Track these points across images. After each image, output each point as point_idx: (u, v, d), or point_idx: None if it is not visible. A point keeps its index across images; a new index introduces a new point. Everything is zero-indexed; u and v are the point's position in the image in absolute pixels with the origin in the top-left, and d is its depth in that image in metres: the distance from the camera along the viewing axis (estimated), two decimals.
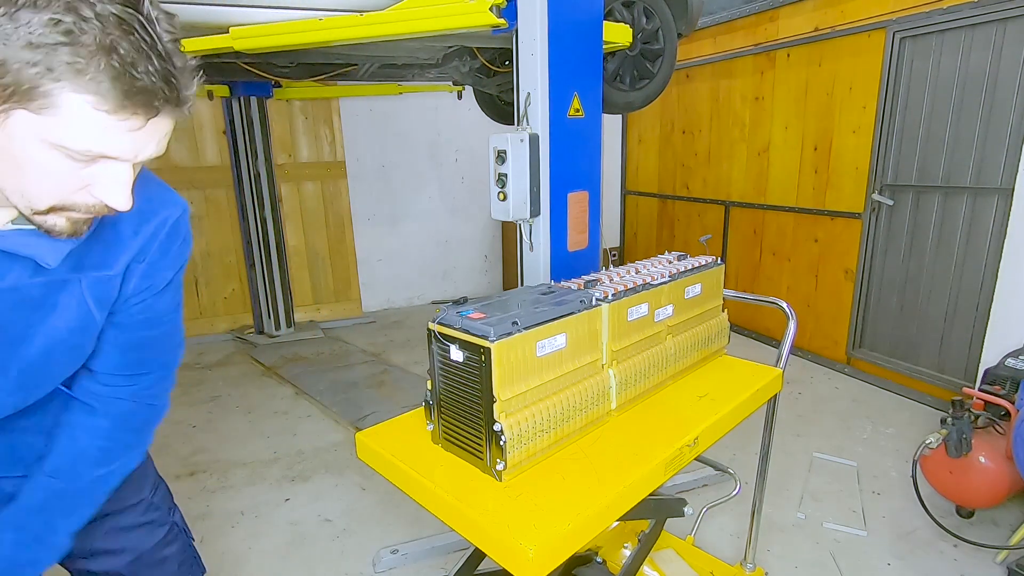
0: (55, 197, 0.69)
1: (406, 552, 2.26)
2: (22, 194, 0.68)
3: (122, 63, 0.62)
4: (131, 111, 0.65)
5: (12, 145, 0.64)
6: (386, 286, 5.71)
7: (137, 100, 0.64)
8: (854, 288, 3.89)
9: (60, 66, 0.60)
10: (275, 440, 3.21)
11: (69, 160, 0.66)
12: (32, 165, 0.66)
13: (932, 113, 3.37)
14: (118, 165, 0.69)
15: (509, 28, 2.13)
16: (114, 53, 0.62)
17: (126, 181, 0.70)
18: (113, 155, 0.67)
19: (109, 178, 0.69)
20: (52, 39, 0.59)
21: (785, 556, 2.26)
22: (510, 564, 0.96)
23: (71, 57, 0.60)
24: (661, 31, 2.85)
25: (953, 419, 2.23)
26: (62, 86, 0.61)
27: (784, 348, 1.69)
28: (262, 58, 2.89)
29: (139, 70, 0.63)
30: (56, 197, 0.69)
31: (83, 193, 0.70)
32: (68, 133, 0.64)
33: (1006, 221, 2.94)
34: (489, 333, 1.05)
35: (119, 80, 0.62)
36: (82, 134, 0.64)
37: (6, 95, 0.61)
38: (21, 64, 0.60)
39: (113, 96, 0.63)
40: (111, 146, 0.66)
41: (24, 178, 0.67)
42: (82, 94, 0.62)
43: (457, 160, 5.74)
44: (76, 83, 0.61)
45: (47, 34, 0.59)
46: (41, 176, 0.67)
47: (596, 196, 2.34)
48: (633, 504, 1.13)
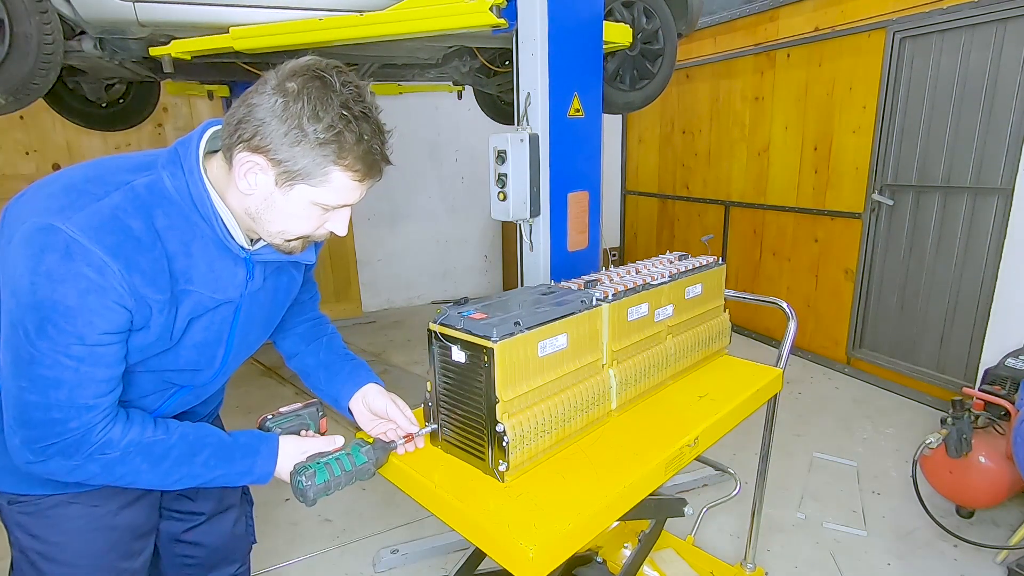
0: (304, 233, 0.98)
1: (406, 552, 2.26)
2: (283, 233, 0.97)
3: (368, 147, 0.91)
4: (371, 177, 0.96)
5: (288, 205, 0.94)
6: (386, 286, 5.71)
7: (374, 169, 0.95)
8: (854, 288, 3.89)
9: (334, 156, 0.89)
10: None
11: (321, 210, 0.96)
12: (297, 216, 0.95)
13: (932, 113, 3.37)
14: (346, 209, 0.99)
15: (509, 28, 2.13)
16: (363, 141, 0.90)
17: (348, 218, 1.01)
18: (350, 204, 0.98)
19: (340, 219, 1.00)
20: (330, 139, 0.88)
21: (785, 556, 2.26)
22: (510, 564, 0.96)
23: (340, 149, 0.89)
24: (661, 31, 2.85)
25: (953, 419, 2.23)
26: (334, 168, 0.91)
27: (784, 348, 1.69)
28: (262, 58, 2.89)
29: (375, 148, 0.93)
30: (305, 232, 0.99)
31: (321, 229, 0.99)
32: (331, 196, 0.94)
33: (1006, 221, 2.94)
34: (492, 333, 1.05)
35: (366, 158, 0.92)
36: (339, 196, 0.94)
37: (294, 176, 0.90)
38: (311, 157, 0.89)
39: (363, 169, 0.93)
40: (351, 199, 0.96)
41: (287, 223, 0.96)
42: (346, 172, 0.92)
43: (457, 160, 5.74)
44: (342, 164, 0.91)
45: (327, 137, 0.88)
46: (300, 222, 0.96)
47: (596, 196, 2.34)
48: (633, 504, 1.13)
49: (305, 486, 1.01)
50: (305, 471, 1.01)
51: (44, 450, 0.89)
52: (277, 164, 0.90)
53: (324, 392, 1.29)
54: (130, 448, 0.93)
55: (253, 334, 1.14)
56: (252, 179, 0.91)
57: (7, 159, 4.11)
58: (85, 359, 0.86)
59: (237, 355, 1.13)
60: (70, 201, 0.85)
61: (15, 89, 2.13)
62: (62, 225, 0.82)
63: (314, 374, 1.31)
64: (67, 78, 3.11)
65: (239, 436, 1.05)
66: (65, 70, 2.84)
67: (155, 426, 0.97)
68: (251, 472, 1.03)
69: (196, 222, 0.94)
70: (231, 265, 1.00)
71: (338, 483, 1.04)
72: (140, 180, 0.91)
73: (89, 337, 0.86)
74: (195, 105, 4.67)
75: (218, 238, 0.97)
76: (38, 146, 4.19)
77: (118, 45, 2.47)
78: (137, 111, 3.67)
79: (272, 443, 1.07)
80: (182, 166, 0.94)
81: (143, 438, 0.94)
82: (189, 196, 0.94)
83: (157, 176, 0.93)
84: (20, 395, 0.87)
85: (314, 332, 1.36)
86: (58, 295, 0.83)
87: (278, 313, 1.19)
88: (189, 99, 4.60)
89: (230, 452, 1.02)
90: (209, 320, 1.01)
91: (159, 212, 0.91)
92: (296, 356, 1.35)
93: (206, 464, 1.00)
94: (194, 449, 0.99)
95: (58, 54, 2.18)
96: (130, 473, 0.94)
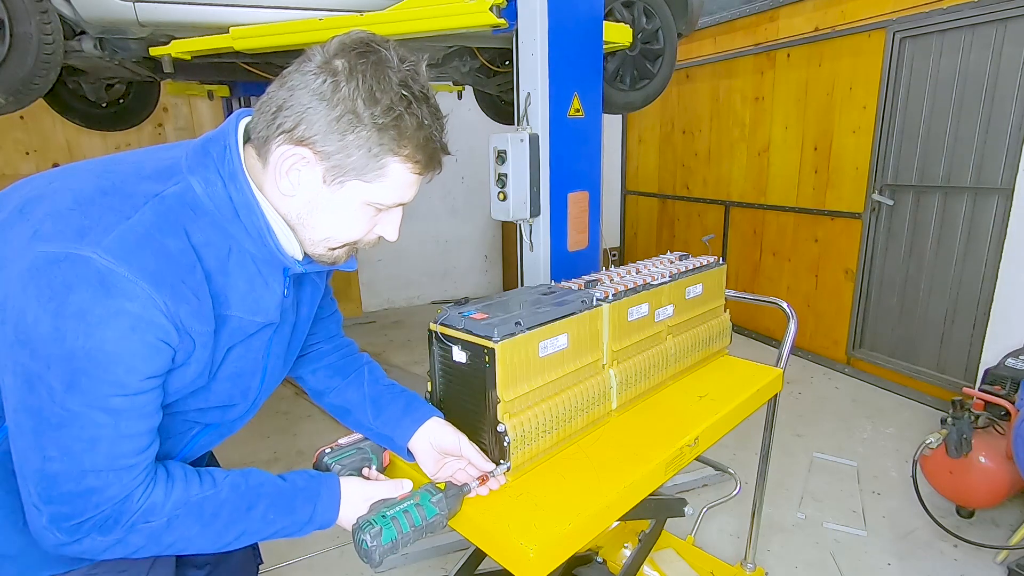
0: (351, 239, 0.86)
1: (406, 552, 2.26)
2: (328, 240, 0.85)
3: (429, 133, 0.79)
4: (431, 169, 0.83)
5: (337, 207, 0.81)
6: (386, 286, 5.70)
7: (435, 160, 0.82)
8: (854, 288, 3.89)
9: (394, 144, 0.77)
10: (275, 440, 3.20)
11: (374, 212, 0.84)
12: (347, 219, 0.83)
13: (932, 113, 3.37)
14: (399, 209, 0.87)
15: (509, 28, 2.13)
16: (424, 127, 0.78)
17: (400, 219, 0.88)
18: (405, 202, 0.85)
19: (392, 221, 0.88)
20: (390, 123, 0.75)
21: (785, 556, 2.26)
22: (511, 564, 0.96)
23: (400, 136, 0.76)
24: (661, 31, 2.85)
25: (953, 419, 2.23)
26: (391, 159, 0.78)
27: (784, 348, 1.69)
28: (262, 58, 2.89)
29: (435, 136, 0.80)
30: (354, 239, 0.86)
31: (371, 233, 0.88)
32: (386, 194, 0.81)
33: (1006, 221, 2.94)
34: (493, 334, 1.05)
35: (427, 147, 0.79)
36: (395, 193, 0.82)
37: (346, 171, 0.78)
38: (366, 148, 0.76)
39: (424, 160, 0.80)
40: (407, 196, 0.84)
41: (335, 228, 0.83)
42: (405, 163, 0.79)
43: (457, 160, 5.74)
44: (401, 154, 0.78)
45: (386, 123, 0.75)
46: (349, 226, 0.84)
47: (596, 196, 2.34)
48: (633, 504, 1.13)
49: (371, 547, 0.88)
50: (370, 528, 0.89)
51: (78, 527, 0.73)
52: (326, 157, 0.77)
53: (372, 431, 1.13)
54: (177, 510, 0.78)
55: (284, 357, 1.00)
56: (295, 177, 0.79)
57: (7, 159, 4.11)
58: (124, 412, 0.73)
59: (269, 385, 0.99)
60: (92, 221, 0.70)
61: (15, 89, 2.13)
62: (91, 253, 0.67)
63: (358, 410, 1.14)
64: (67, 78, 3.11)
65: (296, 479, 0.91)
66: (65, 70, 2.84)
67: (200, 480, 0.82)
68: (312, 521, 0.91)
69: (235, 234, 0.81)
70: (270, 280, 0.86)
71: (407, 540, 0.93)
72: (169, 190, 0.77)
73: (131, 385, 0.72)
74: (195, 105, 4.67)
75: (266, 252, 0.83)
76: (38, 146, 4.19)
77: (118, 45, 2.47)
78: (137, 111, 3.67)
79: (333, 486, 0.93)
80: (219, 170, 0.80)
81: (190, 497, 0.79)
82: (231, 206, 0.79)
83: (185, 184, 0.78)
84: (45, 466, 0.71)
85: (350, 363, 1.19)
86: (94, 341, 0.68)
87: (304, 328, 1.05)
88: (189, 99, 4.59)
89: (289, 500, 0.89)
90: (246, 347, 0.88)
91: (194, 227, 0.77)
92: (332, 392, 1.16)
93: (264, 518, 0.86)
94: (249, 502, 0.85)
95: (58, 54, 2.18)
96: (180, 540, 0.79)
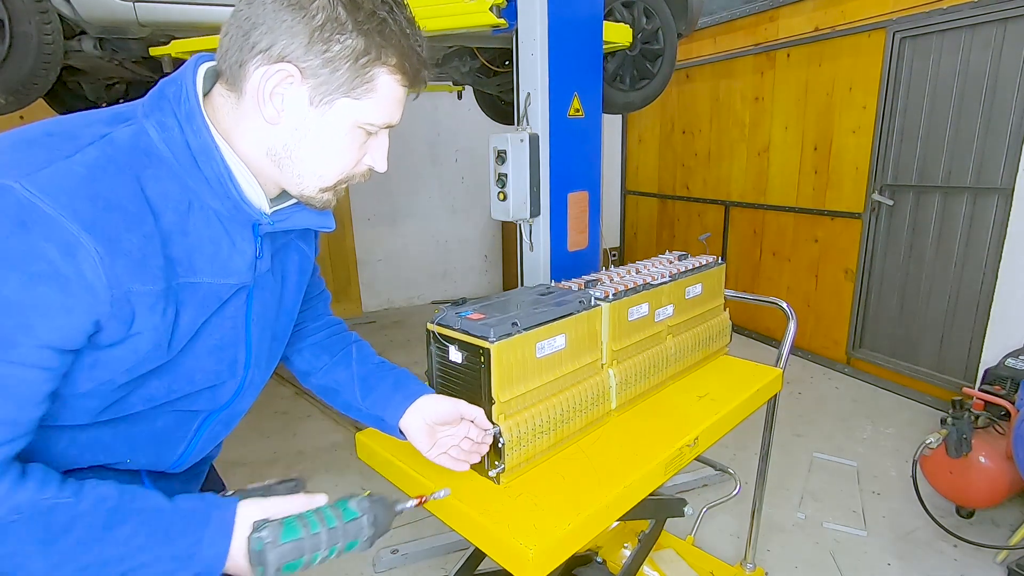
0: (344, 171, 0.78)
1: (406, 552, 2.26)
2: (318, 176, 0.77)
3: (411, 40, 0.73)
4: (417, 84, 0.76)
5: (327, 131, 0.73)
6: (386, 286, 5.70)
7: (419, 74, 0.75)
8: (854, 288, 3.89)
9: (379, 52, 0.70)
10: (275, 440, 3.20)
11: (364, 135, 0.76)
12: (337, 146, 0.75)
13: (932, 113, 3.37)
14: (384, 134, 0.79)
15: (509, 28, 2.13)
16: (406, 35, 0.72)
17: (387, 146, 0.80)
18: (394, 123, 0.77)
19: (380, 148, 0.79)
20: (374, 28, 0.69)
21: (785, 556, 2.26)
22: (510, 564, 0.96)
23: (385, 42, 0.70)
24: (661, 31, 2.85)
25: (953, 419, 2.23)
26: (379, 71, 0.71)
27: (784, 348, 1.69)
28: None
29: (419, 45, 0.74)
30: (345, 171, 0.78)
31: (359, 165, 0.79)
32: (377, 111, 0.74)
33: (1006, 221, 2.94)
34: (489, 334, 1.05)
35: (411, 57, 0.73)
36: (385, 110, 0.75)
37: (333, 87, 0.71)
38: (352, 59, 0.69)
39: (410, 71, 0.74)
40: (395, 115, 0.76)
41: (325, 158, 0.75)
42: (393, 74, 0.73)
43: (457, 160, 5.74)
44: (389, 64, 0.72)
45: (371, 27, 0.69)
46: (340, 155, 0.76)
47: (596, 196, 2.34)
48: (633, 504, 1.13)
49: (265, 545, 0.69)
50: (266, 525, 0.71)
51: None
52: (311, 74, 0.69)
53: (362, 411, 1.05)
54: (15, 515, 0.61)
55: (271, 330, 0.90)
56: (279, 101, 0.70)
57: None
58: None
59: (259, 359, 0.89)
60: (26, 157, 0.62)
61: (15, 89, 2.13)
62: (15, 183, 0.58)
63: (347, 390, 1.06)
64: (67, 78, 3.11)
65: (184, 500, 0.72)
66: (65, 70, 2.84)
67: (60, 485, 0.65)
68: (193, 556, 0.69)
69: (195, 187, 0.71)
70: (237, 239, 0.76)
71: (316, 544, 0.72)
72: (121, 131, 0.68)
73: (20, 347, 0.59)
74: None
75: (229, 204, 0.74)
76: None
77: (118, 45, 2.47)
78: None
79: (228, 510, 0.72)
80: (175, 113, 0.70)
81: (38, 501, 0.62)
82: (189, 153, 0.70)
83: (140, 127, 0.69)
84: None
85: (337, 341, 1.11)
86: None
87: (294, 301, 0.95)
88: None
89: (167, 523, 0.69)
90: (221, 316, 0.79)
91: (149, 175, 0.67)
92: (319, 371, 1.08)
93: (128, 542, 0.66)
94: (112, 518, 0.66)
95: (58, 54, 2.18)
96: (7, 557, 0.62)
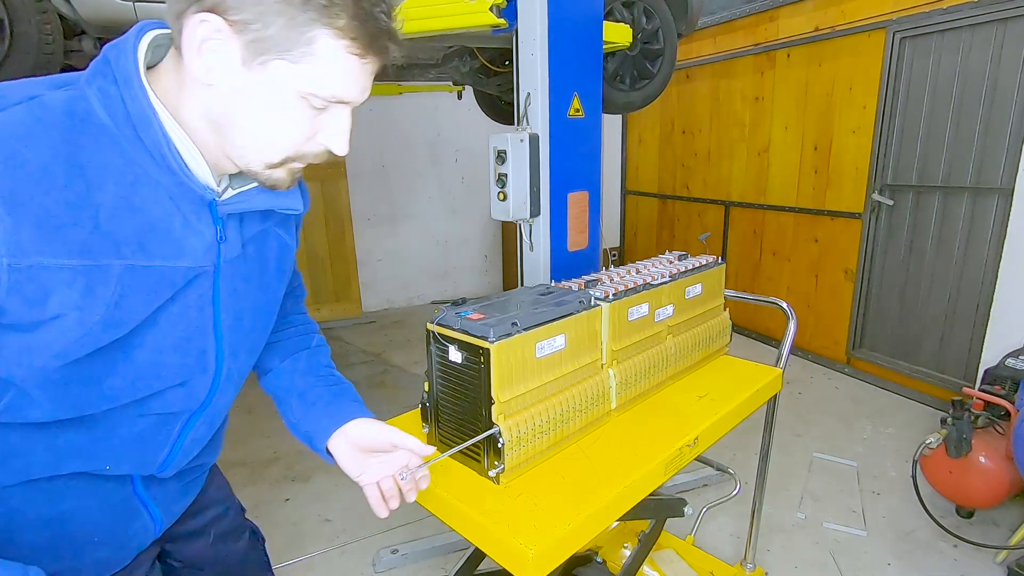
0: (290, 148, 0.71)
1: (406, 552, 2.26)
2: (259, 149, 0.70)
3: (368, 5, 0.65)
4: (374, 53, 0.68)
5: (263, 96, 0.66)
6: (386, 286, 5.70)
7: (378, 43, 0.68)
8: (854, 288, 3.89)
9: (320, 11, 0.62)
10: (275, 440, 3.20)
11: (309, 109, 0.68)
12: (276, 116, 0.68)
13: (932, 113, 3.36)
14: (343, 111, 0.71)
15: (509, 28, 2.13)
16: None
17: (348, 127, 0.72)
18: (348, 99, 0.69)
19: (335, 125, 0.71)
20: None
21: (785, 556, 2.26)
22: (510, 564, 0.96)
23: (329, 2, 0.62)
24: (661, 31, 2.85)
25: (953, 419, 2.23)
26: (321, 33, 0.63)
27: (784, 348, 1.69)
28: None
29: (378, 11, 0.67)
30: (291, 148, 0.71)
31: (311, 143, 0.72)
32: (318, 80, 0.66)
33: (1006, 221, 2.94)
34: (489, 334, 1.04)
35: (367, 23, 0.65)
36: (332, 80, 0.66)
37: (267, 46, 0.63)
38: (287, 15, 0.62)
39: (363, 39, 0.66)
40: (349, 89, 0.68)
41: (265, 131, 0.68)
42: (339, 39, 0.64)
43: (457, 160, 5.74)
44: (332, 26, 0.63)
45: None
46: (281, 127, 0.68)
47: (596, 196, 2.34)
48: (633, 504, 1.13)
49: None
50: None
51: None
52: (242, 29, 0.62)
53: (295, 426, 0.99)
54: None
55: (249, 320, 0.84)
56: (210, 58, 0.63)
57: None
58: None
59: (235, 350, 0.84)
60: None
61: None
62: None
63: (283, 401, 1.00)
64: None
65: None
66: (65, 70, 2.84)
67: None
68: None
69: (139, 160, 0.66)
70: (192, 219, 0.71)
71: None
72: (55, 95, 0.63)
73: None
74: None
75: (173, 179, 0.68)
76: None
77: None
78: None
79: None
80: (115, 76, 0.65)
81: None
82: (127, 117, 0.64)
83: (79, 93, 0.64)
84: None
85: (293, 345, 1.04)
86: None
87: (275, 289, 0.90)
88: None
89: None
90: (182, 305, 0.73)
91: (86, 143, 0.62)
92: (268, 374, 1.02)
93: None
94: None
95: (58, 54, 2.18)
96: None
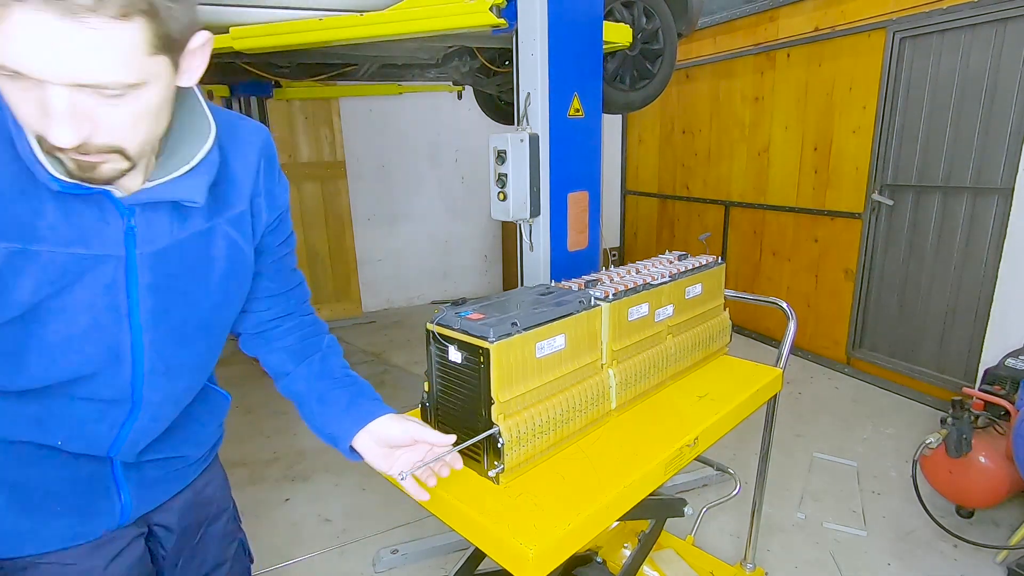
0: (32, 129, 0.62)
1: (406, 552, 2.26)
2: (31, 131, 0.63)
3: None
4: None
5: None
6: (386, 286, 5.70)
7: None
8: (854, 288, 3.89)
9: None
10: (275, 440, 3.20)
11: (10, 81, 0.58)
12: None
13: (932, 113, 3.37)
14: (45, 90, 0.58)
15: (509, 28, 2.13)
16: None
17: (55, 109, 0.59)
18: (25, 71, 0.56)
19: (43, 105, 0.59)
20: None
21: (785, 556, 2.26)
22: (510, 564, 0.96)
23: None
24: (661, 31, 2.85)
25: (953, 419, 2.23)
26: None
27: (784, 348, 1.69)
28: (262, 58, 2.89)
29: None
30: (32, 129, 0.62)
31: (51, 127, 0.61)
32: None
33: (1006, 221, 2.94)
34: (488, 334, 1.04)
35: None
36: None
37: None
38: None
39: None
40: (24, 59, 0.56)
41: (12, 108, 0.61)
42: None
43: (457, 160, 5.74)
44: None
45: None
46: (10, 103, 0.61)
47: (596, 196, 2.34)
48: (633, 504, 1.13)
49: None
50: None
51: None
52: None
53: (319, 429, 1.02)
54: None
55: (178, 315, 0.82)
56: None
57: None
58: None
59: (159, 344, 0.80)
60: None
61: None
62: None
63: (306, 405, 1.03)
64: None
65: None
66: None
67: None
68: None
69: None
70: (94, 208, 0.70)
71: None
72: None
73: None
74: None
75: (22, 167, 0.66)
76: None
77: None
78: None
79: None
80: None
81: None
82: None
83: None
84: None
85: (307, 347, 1.06)
86: None
87: (223, 290, 0.88)
88: None
89: None
90: (90, 290, 0.72)
91: None
92: (286, 377, 1.05)
93: None
94: None
95: None
96: None
